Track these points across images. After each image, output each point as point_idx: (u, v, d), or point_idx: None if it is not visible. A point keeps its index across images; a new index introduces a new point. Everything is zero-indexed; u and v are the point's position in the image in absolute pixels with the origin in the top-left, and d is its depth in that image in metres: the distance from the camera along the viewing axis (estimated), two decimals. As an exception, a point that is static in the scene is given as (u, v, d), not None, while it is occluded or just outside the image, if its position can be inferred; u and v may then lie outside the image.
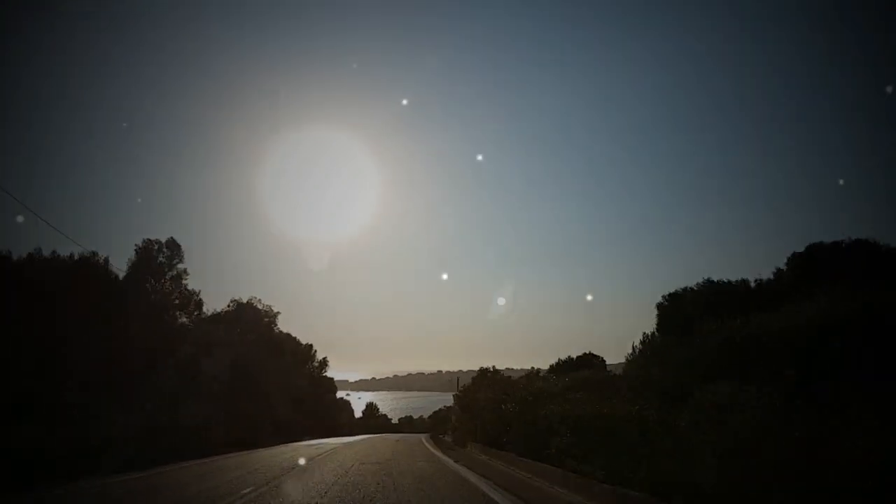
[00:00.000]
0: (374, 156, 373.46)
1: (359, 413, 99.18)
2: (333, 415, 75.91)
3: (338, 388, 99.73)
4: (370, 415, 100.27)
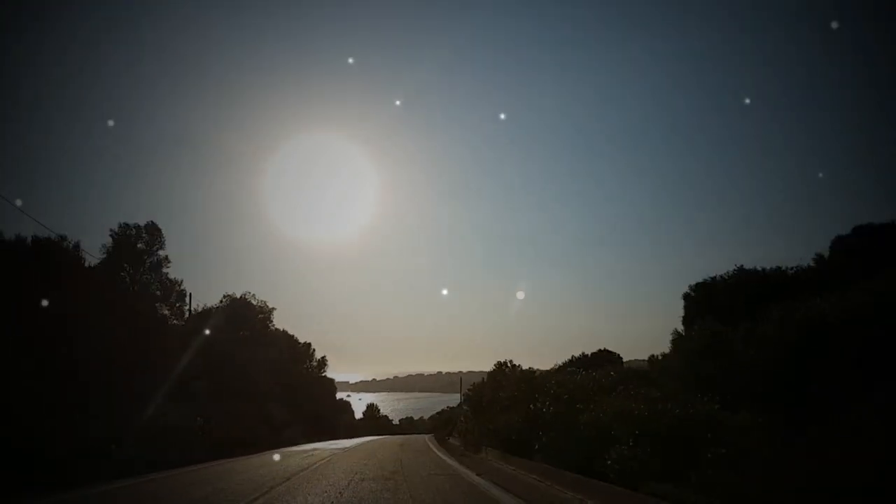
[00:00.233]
0: (374, 157, 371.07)
1: (359, 414, 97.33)
2: (333, 416, 73.02)
3: (339, 390, 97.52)
4: (371, 416, 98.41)
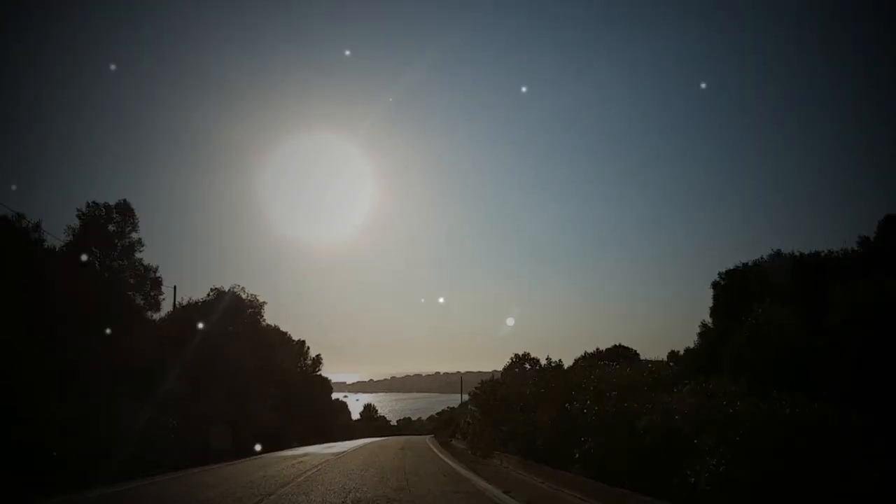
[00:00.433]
0: (371, 157, 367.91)
1: (356, 415, 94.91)
2: (329, 417, 70.11)
3: (336, 390, 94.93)
4: (368, 417, 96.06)
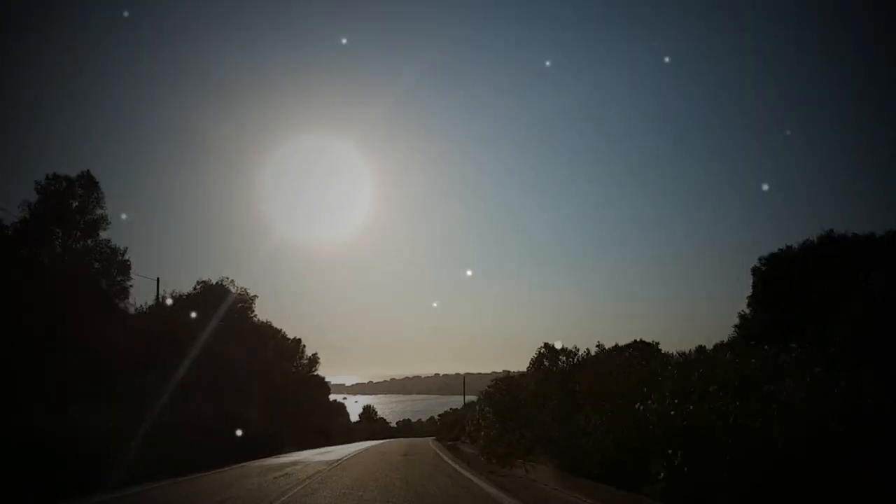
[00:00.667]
0: (370, 160, 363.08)
1: (355, 417, 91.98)
2: (326, 419, 66.93)
3: (335, 392, 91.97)
4: (367, 419, 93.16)
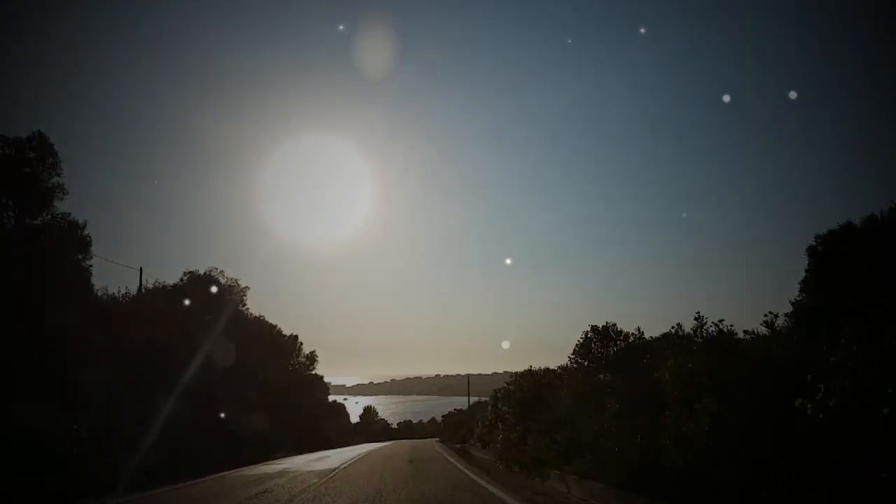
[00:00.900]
0: (370, 160, 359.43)
1: (356, 418, 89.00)
2: (325, 420, 63.82)
3: (335, 393, 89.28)
4: (368, 420, 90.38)
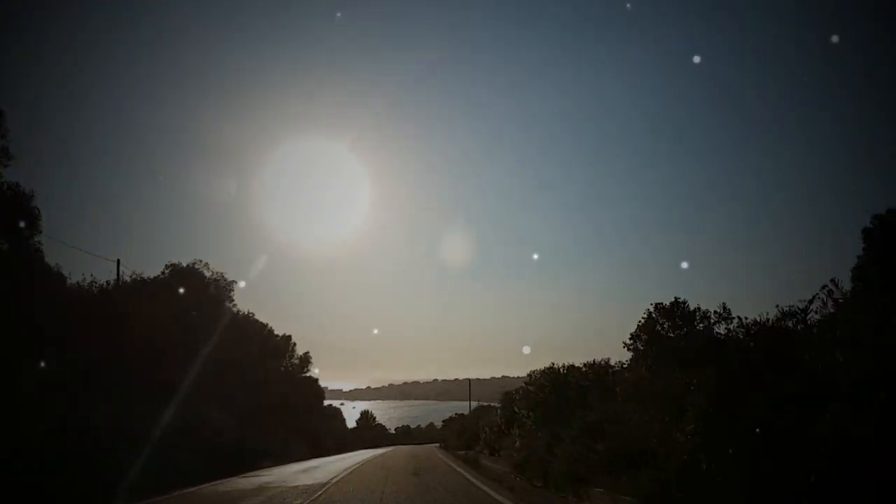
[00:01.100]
0: (366, 161, 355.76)
1: (353, 423, 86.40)
2: (320, 424, 60.92)
3: (332, 397, 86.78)
4: (365, 425, 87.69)
